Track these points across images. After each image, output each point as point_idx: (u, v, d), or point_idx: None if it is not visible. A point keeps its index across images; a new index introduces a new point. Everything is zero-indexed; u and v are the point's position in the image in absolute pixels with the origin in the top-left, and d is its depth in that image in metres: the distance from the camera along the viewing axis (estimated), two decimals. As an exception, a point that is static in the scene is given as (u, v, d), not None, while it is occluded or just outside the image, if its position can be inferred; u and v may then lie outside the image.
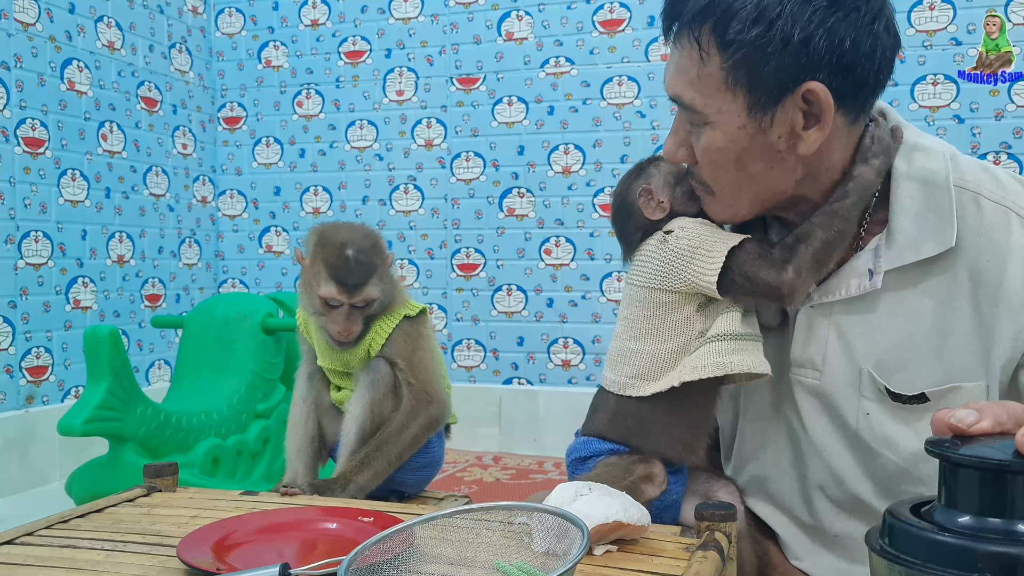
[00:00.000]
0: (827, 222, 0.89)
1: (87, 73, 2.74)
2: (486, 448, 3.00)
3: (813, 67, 0.84)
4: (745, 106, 0.86)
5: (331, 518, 0.88)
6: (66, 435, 1.77)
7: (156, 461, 1.86)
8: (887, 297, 0.91)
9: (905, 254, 0.89)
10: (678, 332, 0.92)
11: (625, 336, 0.95)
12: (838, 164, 0.91)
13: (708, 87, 0.87)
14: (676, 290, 0.91)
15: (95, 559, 0.78)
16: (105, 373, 1.80)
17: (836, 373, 0.94)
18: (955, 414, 0.55)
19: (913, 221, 0.89)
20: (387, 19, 3.16)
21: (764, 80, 0.85)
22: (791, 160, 0.88)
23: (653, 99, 2.86)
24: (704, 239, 0.90)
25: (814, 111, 0.86)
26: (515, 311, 3.03)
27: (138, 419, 1.86)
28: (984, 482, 0.50)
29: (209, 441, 2.02)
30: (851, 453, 0.95)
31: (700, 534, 0.80)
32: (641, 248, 0.95)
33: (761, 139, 0.87)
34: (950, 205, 0.88)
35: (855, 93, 0.87)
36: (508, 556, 0.69)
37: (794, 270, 0.88)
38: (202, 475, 1.97)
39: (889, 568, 0.50)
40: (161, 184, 3.07)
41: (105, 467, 1.84)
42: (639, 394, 0.93)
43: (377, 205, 3.19)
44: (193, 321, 2.27)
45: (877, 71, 0.87)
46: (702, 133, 0.89)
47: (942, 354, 0.89)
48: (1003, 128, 2.53)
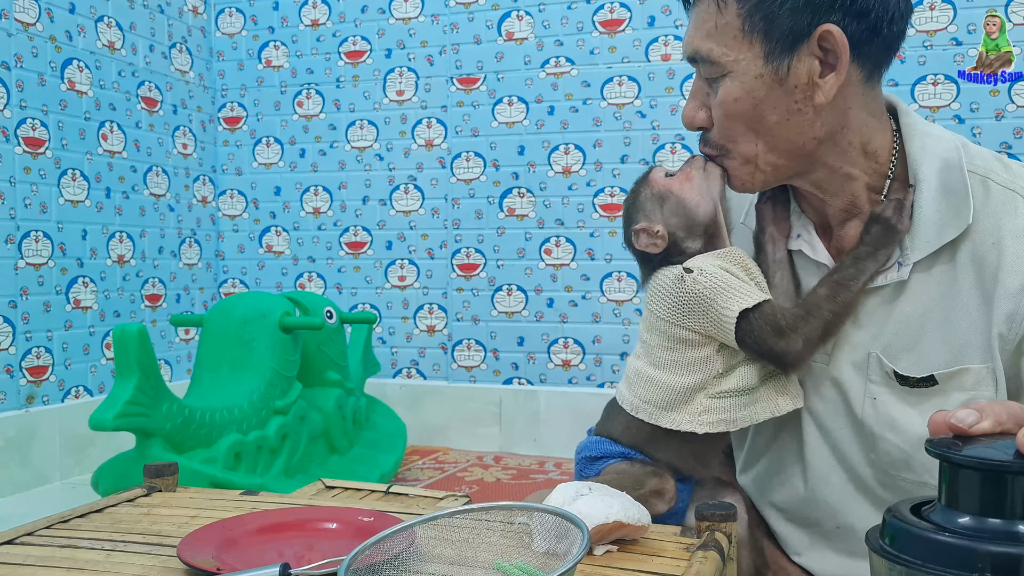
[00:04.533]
0: (833, 294, 0.90)
1: (87, 73, 2.74)
2: (487, 448, 3.00)
3: (828, 8, 0.85)
4: (762, 54, 0.87)
5: (331, 518, 0.88)
6: (97, 430, 1.81)
7: (181, 455, 1.93)
8: (901, 283, 0.92)
9: (931, 243, 0.90)
10: (697, 369, 0.92)
11: (646, 359, 0.95)
12: (855, 127, 0.92)
13: (725, 36, 0.88)
14: (695, 330, 0.91)
15: (95, 559, 0.78)
16: (134, 370, 1.85)
17: (845, 357, 0.95)
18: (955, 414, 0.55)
19: (935, 210, 0.90)
20: (387, 19, 3.16)
21: (780, 24, 0.86)
22: (808, 112, 0.89)
23: (653, 99, 2.86)
24: (720, 291, 0.88)
25: (830, 59, 0.87)
26: (515, 311, 3.03)
27: (164, 415, 1.91)
28: (984, 482, 0.50)
29: (231, 437, 2.07)
30: (856, 439, 0.95)
31: (700, 534, 0.80)
32: (659, 277, 0.94)
33: (778, 89, 0.88)
34: (965, 187, 0.89)
35: (869, 41, 0.88)
36: (508, 556, 0.69)
37: (803, 342, 0.89)
38: (225, 469, 2.01)
39: (889, 568, 0.50)
40: (161, 184, 3.08)
41: (132, 462, 1.88)
42: (652, 421, 0.93)
43: (377, 205, 3.19)
44: (212, 320, 2.31)
45: (891, 21, 0.88)
46: (719, 87, 0.90)
47: (949, 336, 0.90)
48: (1003, 128, 2.53)
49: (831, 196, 0.95)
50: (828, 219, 0.98)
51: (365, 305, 3.22)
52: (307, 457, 2.32)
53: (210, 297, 3.33)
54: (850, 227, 0.96)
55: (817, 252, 0.97)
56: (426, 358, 3.16)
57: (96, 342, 2.76)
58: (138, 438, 1.90)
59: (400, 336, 3.18)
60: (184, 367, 3.13)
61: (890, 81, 2.65)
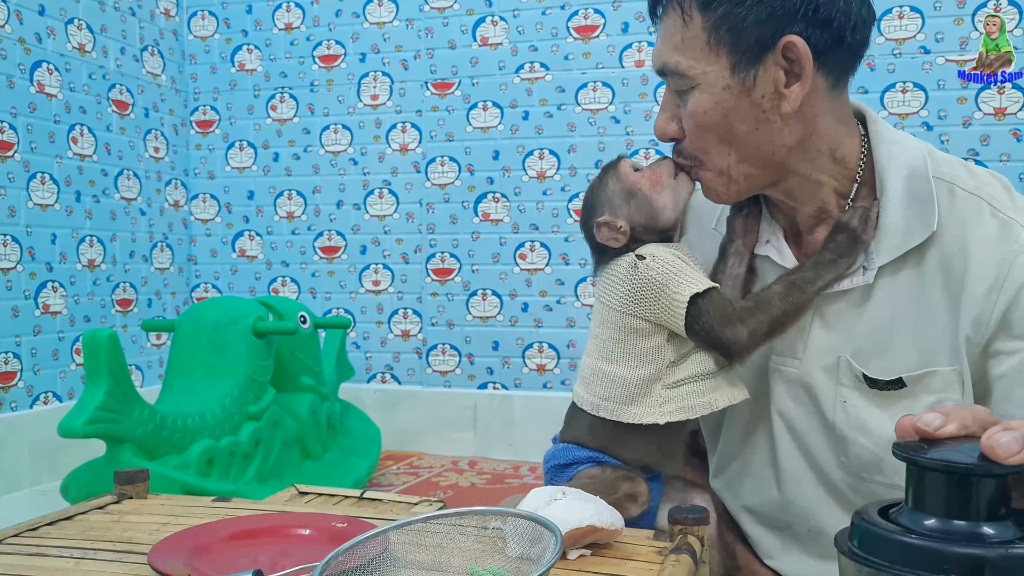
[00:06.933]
0: (786, 293, 0.91)
1: (57, 76, 2.71)
2: (461, 453, 2.99)
3: (791, 18, 0.86)
4: (729, 65, 0.89)
5: (304, 524, 0.88)
6: (67, 436, 1.79)
7: (153, 462, 1.91)
8: (869, 286, 0.93)
9: (897, 248, 0.92)
10: (650, 360, 0.92)
11: (597, 355, 0.96)
12: (823, 134, 0.93)
13: (692, 49, 0.90)
14: (646, 319, 0.92)
15: (65, 567, 0.77)
16: (104, 375, 1.83)
17: (815, 361, 0.96)
18: (922, 418, 0.56)
19: (900, 215, 0.92)
20: (362, 23, 3.15)
21: (745, 36, 0.87)
22: (777, 121, 0.90)
23: (627, 105, 2.87)
24: (671, 277, 0.90)
25: (795, 69, 0.88)
26: (490, 316, 3.03)
27: (135, 421, 1.89)
28: (950, 485, 0.51)
29: (203, 442, 2.05)
30: (827, 442, 0.97)
31: (673, 538, 0.80)
32: (612, 267, 0.95)
33: (746, 99, 0.89)
34: (931, 195, 0.91)
35: (833, 49, 0.89)
36: (482, 561, 0.69)
37: (748, 333, 0.90)
38: (197, 475, 2.00)
39: (858, 570, 0.51)
40: (132, 188, 3.04)
41: (103, 468, 1.86)
42: (614, 418, 0.93)
43: (352, 209, 3.18)
44: (184, 324, 2.29)
45: (854, 29, 0.89)
46: (689, 98, 0.91)
47: (917, 340, 0.92)
48: (971, 135, 2.57)
49: (801, 203, 0.97)
50: (798, 225, 0.99)
51: (339, 310, 3.20)
52: (280, 463, 2.31)
53: (182, 302, 3.30)
54: (818, 232, 0.98)
55: (784, 257, 0.98)
56: (401, 363, 3.15)
57: (66, 347, 2.73)
58: (108, 444, 1.88)
59: (374, 341, 3.17)
60: (156, 372, 3.10)
61: (860, 89, 2.69)
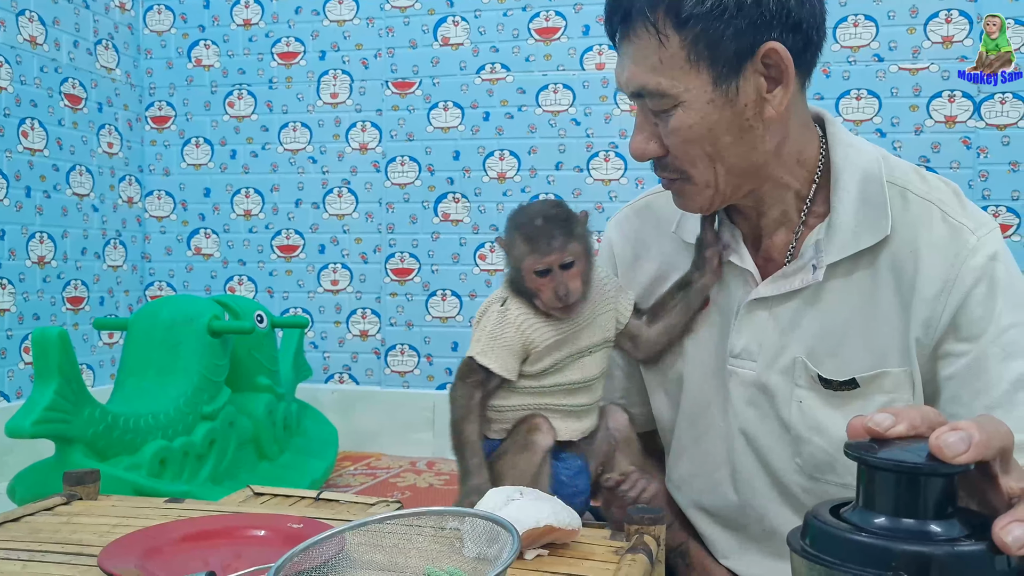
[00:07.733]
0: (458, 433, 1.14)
1: (7, 68, 2.65)
2: (419, 454, 2.98)
3: (767, 26, 0.87)
4: (710, 79, 0.89)
5: (259, 525, 0.87)
6: (14, 436, 1.75)
7: (104, 463, 1.87)
8: (821, 287, 0.95)
9: (846, 247, 0.93)
10: None
11: None
12: (794, 137, 0.95)
13: (671, 68, 0.89)
14: None
15: (12, 570, 0.76)
16: (54, 375, 1.80)
17: (771, 363, 0.97)
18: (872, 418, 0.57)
19: (852, 216, 0.93)
20: (322, 21, 3.13)
21: (724, 49, 0.88)
22: (759, 128, 0.91)
23: (588, 107, 2.89)
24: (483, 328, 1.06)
25: (774, 74, 0.89)
26: (449, 316, 3.03)
27: (86, 421, 1.86)
28: (899, 484, 0.51)
29: (156, 443, 2.02)
30: (782, 443, 0.98)
31: (630, 537, 0.81)
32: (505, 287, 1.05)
33: (730, 110, 0.90)
34: (884, 199, 0.93)
35: (804, 50, 0.91)
36: (439, 561, 0.69)
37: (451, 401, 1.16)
38: (149, 476, 1.96)
39: (809, 568, 0.52)
40: (85, 184, 2.99)
41: (52, 469, 1.83)
42: None
43: (310, 208, 3.16)
44: (138, 323, 2.25)
45: (818, 28, 0.91)
46: (670, 118, 0.91)
47: (870, 341, 0.94)
48: (922, 142, 2.63)
49: (768, 207, 0.98)
50: (760, 229, 1.00)
51: (297, 309, 3.17)
52: (236, 463, 2.28)
53: (135, 300, 3.25)
54: (778, 236, 0.99)
55: (744, 260, 1.00)
56: (359, 363, 3.13)
57: (14, 346, 2.66)
58: (58, 445, 1.85)
59: (332, 341, 3.15)
60: (108, 372, 3.05)
61: (816, 95, 2.73)
